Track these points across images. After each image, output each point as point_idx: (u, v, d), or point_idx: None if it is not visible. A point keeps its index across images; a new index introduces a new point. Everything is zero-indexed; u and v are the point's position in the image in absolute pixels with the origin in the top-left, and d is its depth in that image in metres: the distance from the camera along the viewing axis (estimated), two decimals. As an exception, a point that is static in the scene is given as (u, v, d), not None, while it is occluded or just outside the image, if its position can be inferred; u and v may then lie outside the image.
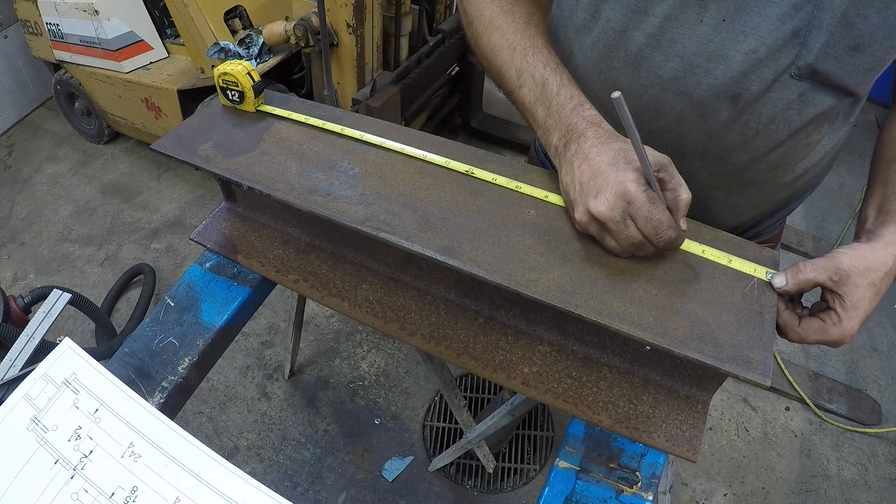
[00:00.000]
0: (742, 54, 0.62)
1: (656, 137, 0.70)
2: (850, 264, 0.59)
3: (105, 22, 2.13)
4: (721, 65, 0.63)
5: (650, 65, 0.66)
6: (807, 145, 0.69)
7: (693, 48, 0.63)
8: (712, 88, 0.64)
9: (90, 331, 1.94)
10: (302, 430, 1.72)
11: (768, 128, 0.66)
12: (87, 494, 0.54)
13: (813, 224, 2.41)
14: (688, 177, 0.71)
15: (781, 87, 0.63)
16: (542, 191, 0.71)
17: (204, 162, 0.77)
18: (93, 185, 2.57)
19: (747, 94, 0.64)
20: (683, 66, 0.64)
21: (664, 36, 0.64)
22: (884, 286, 0.59)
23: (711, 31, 0.62)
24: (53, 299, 1.17)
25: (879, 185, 0.68)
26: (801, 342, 0.62)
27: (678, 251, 0.65)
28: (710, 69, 0.63)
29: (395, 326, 0.77)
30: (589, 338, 0.70)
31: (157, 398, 0.71)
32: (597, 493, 0.66)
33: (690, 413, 0.67)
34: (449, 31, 2.26)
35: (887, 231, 0.62)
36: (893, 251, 0.60)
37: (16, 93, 2.90)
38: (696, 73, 0.64)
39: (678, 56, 0.64)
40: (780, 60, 0.61)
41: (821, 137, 0.69)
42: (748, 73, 0.62)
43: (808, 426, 1.78)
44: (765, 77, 0.62)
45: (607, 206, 0.58)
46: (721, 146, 0.69)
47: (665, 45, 0.64)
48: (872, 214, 0.66)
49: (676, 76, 0.65)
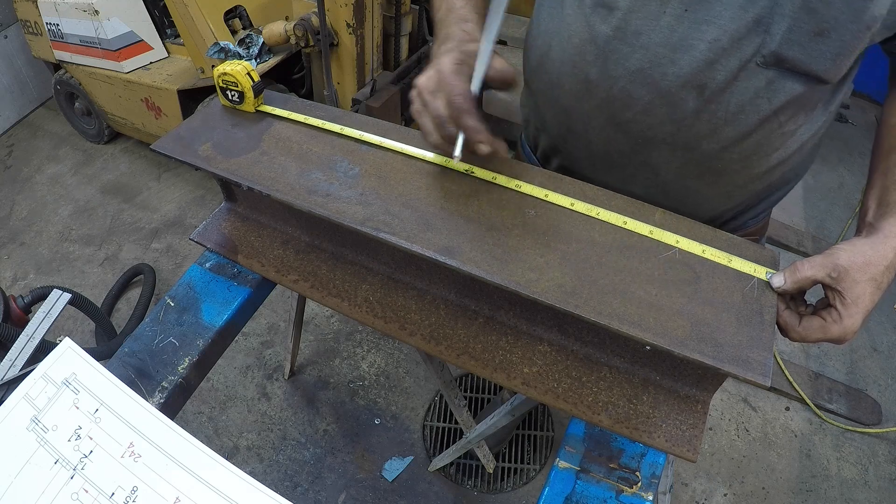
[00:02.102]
0: (706, 44, 0.62)
1: (626, 128, 0.72)
2: (848, 260, 0.58)
3: (105, 22, 2.13)
4: (685, 55, 0.63)
5: (617, 57, 0.67)
6: (781, 135, 0.69)
7: (657, 39, 0.64)
8: (678, 78, 0.65)
9: (90, 331, 1.94)
10: (302, 430, 1.72)
11: (737, 116, 0.66)
12: (87, 494, 0.54)
13: (813, 224, 2.41)
14: (658, 166, 0.74)
15: (748, 76, 0.63)
16: (542, 190, 0.71)
17: (204, 162, 0.77)
18: (93, 185, 2.57)
19: (713, 83, 0.64)
20: (649, 58, 0.65)
21: (629, 28, 0.65)
22: (885, 280, 0.59)
23: (674, 22, 0.63)
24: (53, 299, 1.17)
25: (879, 175, 0.68)
26: (803, 341, 0.62)
27: (682, 254, 0.65)
28: (675, 59, 0.64)
29: (395, 326, 0.77)
30: (589, 338, 0.70)
31: (157, 398, 0.71)
32: (597, 493, 0.66)
33: (690, 413, 0.67)
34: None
35: (887, 223, 0.61)
36: (894, 244, 0.60)
37: (16, 93, 2.90)
38: (662, 63, 0.65)
39: (643, 47, 0.65)
40: (744, 49, 0.61)
41: (797, 127, 0.69)
42: (713, 63, 0.63)
43: (808, 426, 1.78)
44: (730, 66, 0.63)
45: (425, 78, 0.65)
46: (690, 135, 0.69)
47: (630, 37, 0.65)
48: (873, 206, 0.66)
49: (642, 67, 0.66)
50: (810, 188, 2.59)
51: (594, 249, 0.65)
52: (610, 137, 0.74)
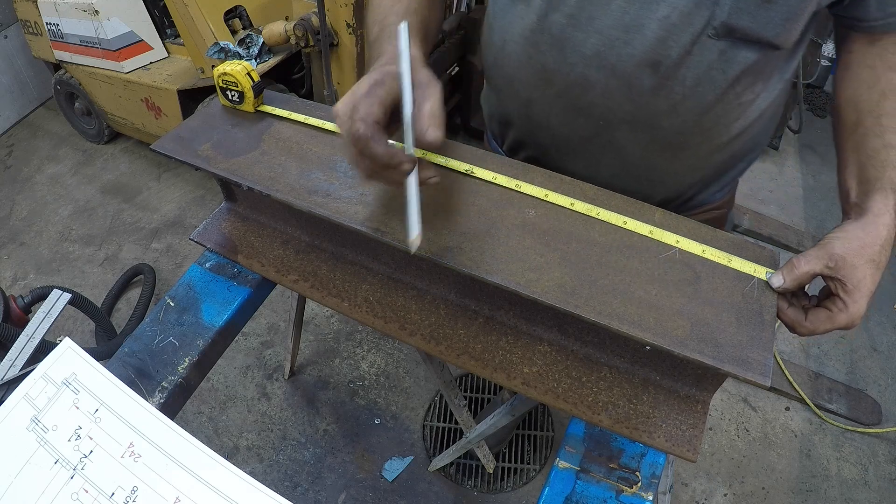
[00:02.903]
0: (656, 21, 0.63)
1: (587, 112, 0.73)
2: (843, 248, 0.58)
3: (105, 22, 2.13)
4: (638, 35, 0.64)
5: (573, 43, 0.68)
6: (739, 105, 0.70)
7: (610, 22, 0.65)
8: (632, 59, 0.66)
9: (90, 331, 1.94)
10: (302, 430, 1.72)
11: (694, 90, 0.67)
12: (87, 494, 0.54)
13: (813, 224, 2.41)
14: (622, 146, 0.75)
15: (701, 49, 0.64)
16: (542, 190, 0.71)
17: (204, 162, 0.77)
18: (93, 185, 2.57)
19: (668, 60, 0.65)
20: (603, 41, 0.66)
21: (582, 15, 0.66)
22: (882, 259, 0.59)
23: (625, 4, 0.64)
24: (53, 299, 1.17)
25: (850, 152, 0.68)
26: (813, 335, 0.62)
27: (682, 254, 0.65)
28: (629, 40, 0.65)
29: (395, 326, 0.77)
30: (589, 338, 0.70)
31: (157, 398, 0.71)
32: (597, 493, 0.66)
33: (690, 413, 0.67)
34: (449, 31, 2.26)
35: (873, 201, 0.61)
36: (885, 221, 0.59)
37: (16, 93, 2.90)
38: (616, 45, 0.66)
39: (597, 32, 0.66)
40: (694, 23, 0.62)
41: (754, 96, 0.70)
42: (665, 40, 0.64)
43: (808, 426, 1.78)
44: (682, 41, 0.64)
45: (341, 104, 0.59)
46: (650, 113, 0.70)
47: (584, 22, 0.67)
48: (854, 185, 0.66)
49: (598, 51, 0.67)
50: (810, 188, 2.59)
51: (594, 249, 0.65)
52: (572, 123, 0.76)
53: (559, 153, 0.82)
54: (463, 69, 2.50)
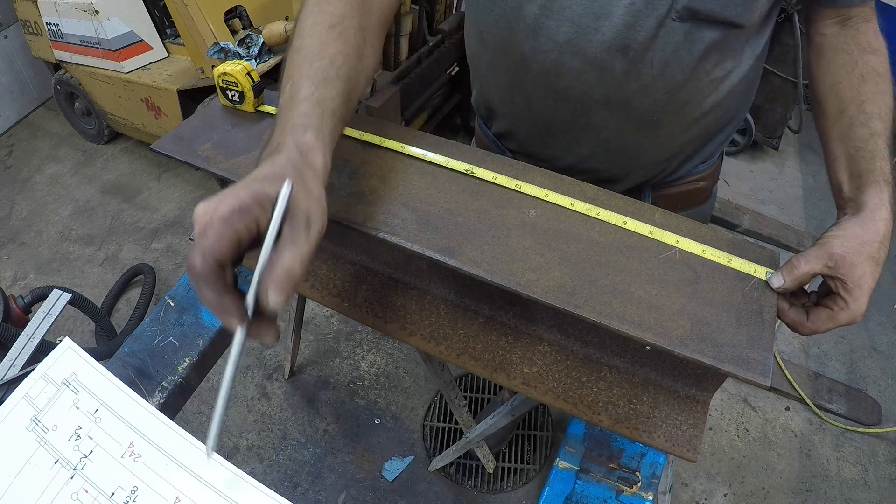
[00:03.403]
0: (622, 8, 0.65)
1: (564, 96, 0.75)
2: (842, 246, 0.59)
3: (105, 22, 2.13)
4: (607, 21, 0.67)
5: (546, 32, 0.71)
6: (710, 82, 0.72)
7: (580, 11, 0.68)
8: (602, 44, 0.68)
9: (90, 331, 1.94)
10: (302, 430, 1.72)
11: (663, 72, 0.69)
12: (87, 494, 0.54)
13: (813, 224, 2.41)
14: (599, 126, 0.78)
15: (667, 32, 0.66)
16: (542, 190, 0.71)
17: (204, 162, 0.77)
18: (93, 185, 2.57)
19: (635, 44, 0.67)
20: (574, 29, 0.69)
21: (553, 4, 0.69)
22: (881, 255, 0.59)
23: None
24: (53, 299, 1.17)
25: (838, 142, 0.68)
26: (815, 333, 0.62)
27: (682, 254, 0.65)
28: (598, 27, 0.68)
29: (395, 326, 0.77)
30: (589, 338, 0.70)
31: (157, 398, 0.71)
32: (597, 493, 0.66)
33: (690, 413, 0.67)
34: (449, 31, 2.26)
35: (868, 196, 0.61)
36: (882, 216, 0.60)
37: (16, 93, 2.90)
38: (586, 32, 0.68)
39: (569, 20, 0.69)
40: (658, 8, 0.64)
41: (725, 73, 0.72)
42: (632, 25, 0.66)
43: (808, 426, 1.78)
44: (648, 25, 0.66)
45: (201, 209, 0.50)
46: (622, 95, 0.73)
47: (556, 12, 0.69)
48: (845, 179, 0.66)
49: (570, 38, 0.70)
50: (810, 188, 2.59)
51: (594, 249, 0.65)
52: (551, 107, 0.78)
53: (541, 136, 0.85)
54: (463, 69, 2.49)
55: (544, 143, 0.85)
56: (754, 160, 2.71)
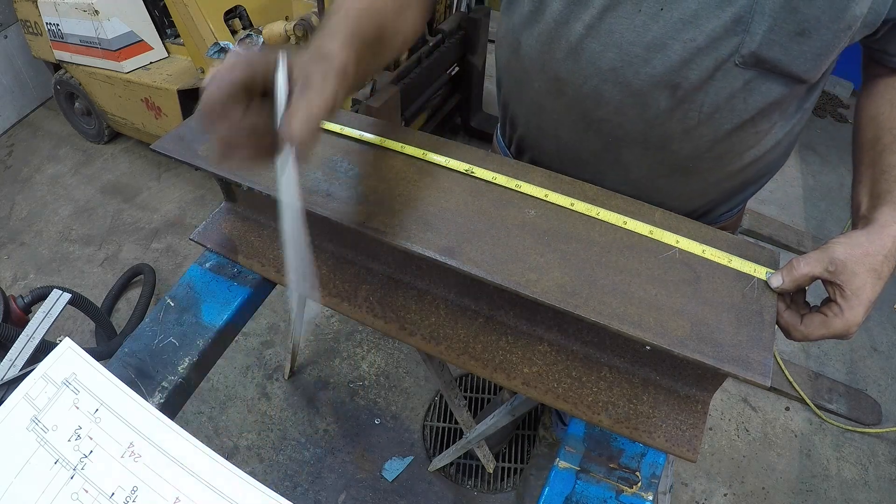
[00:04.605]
0: (681, 43, 0.61)
1: (597, 127, 0.71)
2: (845, 252, 0.57)
3: (105, 22, 2.13)
4: (659, 54, 0.62)
5: (589, 55, 0.66)
6: (755, 134, 0.68)
7: (631, 38, 0.63)
8: (651, 78, 0.64)
9: (90, 331, 1.94)
10: (302, 430, 1.72)
11: (711, 117, 0.65)
12: (87, 494, 0.54)
13: (813, 224, 2.41)
14: (630, 165, 0.73)
15: (724, 76, 0.62)
16: (542, 190, 0.71)
17: (204, 162, 0.77)
18: (93, 185, 2.57)
19: (687, 83, 0.63)
20: (621, 56, 0.64)
21: (602, 26, 0.64)
22: (885, 270, 0.58)
23: (649, 21, 0.61)
24: (53, 299, 1.17)
25: (866, 167, 0.67)
26: (806, 340, 0.61)
27: (682, 254, 0.65)
28: (649, 59, 0.63)
29: (395, 326, 0.77)
30: (589, 338, 0.70)
31: (157, 398, 0.71)
32: (597, 493, 0.66)
33: (690, 413, 0.67)
34: (449, 31, 2.26)
35: (881, 213, 0.60)
36: (892, 232, 0.58)
37: (16, 93, 2.90)
38: (634, 63, 0.64)
39: (616, 46, 0.64)
40: (720, 49, 0.60)
41: (771, 126, 0.68)
42: (687, 62, 0.61)
43: (808, 426, 1.78)
44: (705, 66, 0.61)
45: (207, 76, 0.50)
46: (662, 136, 0.68)
47: (603, 35, 0.64)
48: (865, 200, 0.65)
49: (615, 66, 0.65)
50: (810, 188, 2.59)
51: (594, 249, 0.65)
52: (581, 136, 0.74)
53: (563, 163, 0.80)
54: (463, 69, 2.49)
55: (565, 168, 0.79)
56: (754, 160, 2.71)
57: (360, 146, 0.79)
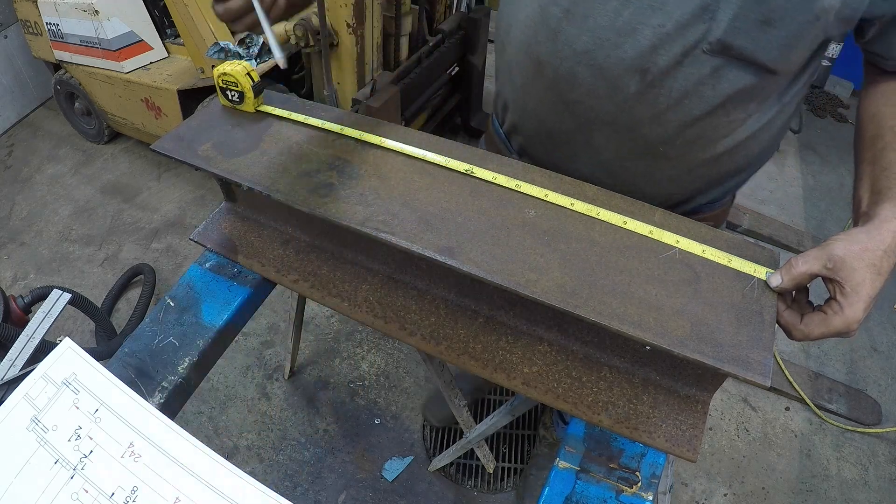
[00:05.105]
0: (650, 28, 0.63)
1: (571, 108, 0.74)
2: (843, 249, 0.57)
3: (105, 22, 2.13)
4: (630, 39, 0.64)
5: (566, 38, 0.69)
6: (728, 123, 0.69)
7: (604, 22, 0.65)
8: (621, 62, 0.66)
9: (90, 331, 1.94)
10: (302, 430, 1.72)
11: (680, 103, 0.67)
12: (87, 494, 0.54)
13: (813, 224, 2.41)
14: (600, 147, 0.76)
15: (693, 63, 0.64)
16: (542, 190, 0.71)
17: (204, 162, 0.77)
18: (93, 185, 2.57)
19: (655, 68, 0.65)
20: (594, 40, 0.67)
21: (577, 10, 0.66)
22: (885, 265, 0.57)
23: (621, 6, 0.64)
24: (53, 299, 1.17)
25: (867, 164, 0.67)
26: (806, 339, 0.61)
27: (682, 254, 0.65)
28: (620, 43, 0.65)
29: (395, 326, 0.77)
30: (589, 338, 0.70)
31: (157, 398, 0.71)
32: (597, 493, 0.66)
33: (690, 413, 0.67)
34: (449, 31, 2.26)
35: (882, 209, 0.60)
36: (891, 227, 0.58)
37: (16, 93, 2.90)
38: (606, 46, 0.66)
39: (590, 30, 0.66)
40: (688, 35, 0.62)
41: (746, 116, 0.69)
42: (657, 48, 0.64)
43: (808, 426, 1.78)
44: (673, 51, 0.63)
45: None
46: (631, 119, 0.71)
47: (578, 19, 0.67)
48: (866, 196, 0.65)
49: (588, 49, 0.67)
50: (810, 188, 2.59)
51: (594, 249, 0.65)
52: (558, 116, 0.77)
53: (543, 143, 0.84)
54: (463, 69, 2.49)
55: (545, 148, 0.84)
56: (754, 160, 2.71)
57: (360, 146, 0.79)
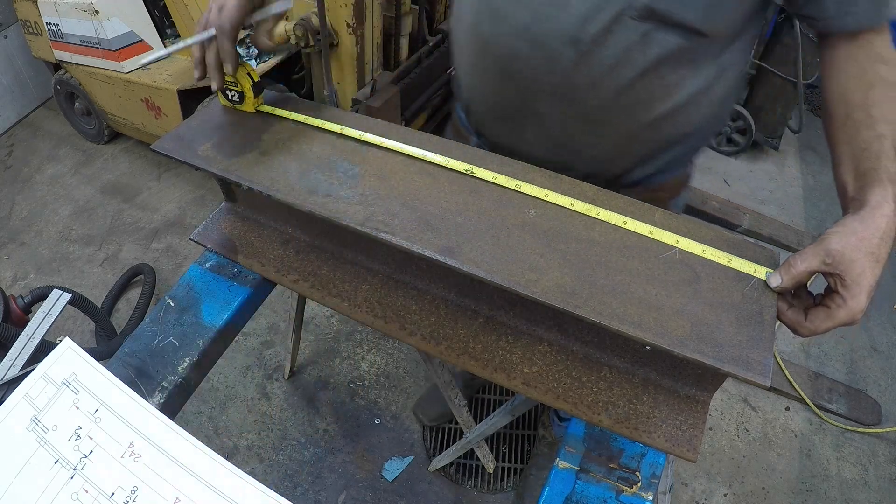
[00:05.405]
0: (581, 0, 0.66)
1: (515, 82, 0.77)
2: (840, 242, 0.57)
3: (105, 22, 2.13)
4: (563, 11, 0.68)
5: (506, 16, 0.73)
6: (663, 86, 0.72)
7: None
8: (557, 34, 0.69)
9: (90, 331, 1.94)
10: (302, 430, 1.72)
11: (614, 69, 0.70)
12: (87, 494, 0.54)
13: (813, 224, 2.41)
14: (544, 116, 0.79)
15: (622, 30, 0.67)
16: (542, 190, 0.71)
17: (204, 162, 0.77)
18: (93, 185, 2.57)
19: (587, 37, 0.68)
20: (532, 15, 0.70)
21: None
22: (882, 251, 0.58)
23: None
24: (53, 299, 1.17)
25: (844, 145, 0.67)
26: (814, 334, 0.61)
27: (682, 254, 0.65)
28: (554, 15, 0.69)
29: (395, 326, 0.77)
30: (589, 338, 0.70)
31: (157, 398, 0.71)
32: (597, 493, 0.66)
33: (690, 413, 0.67)
34: (449, 32, 2.26)
35: (871, 194, 0.60)
36: (885, 212, 0.58)
37: (16, 93, 2.90)
38: (542, 20, 0.70)
39: (527, 6, 0.70)
40: (615, 3, 0.65)
41: (680, 79, 0.72)
42: (588, 18, 0.67)
43: (808, 426, 1.78)
44: (602, 19, 0.66)
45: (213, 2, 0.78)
46: (570, 87, 0.74)
47: None
48: (850, 181, 0.65)
49: (526, 24, 0.71)
50: (810, 188, 2.59)
51: (594, 249, 0.65)
52: (502, 91, 0.80)
53: (494, 119, 0.87)
54: (463, 69, 2.49)
55: (494, 125, 0.88)
56: (754, 160, 2.71)
57: (360, 146, 0.79)
